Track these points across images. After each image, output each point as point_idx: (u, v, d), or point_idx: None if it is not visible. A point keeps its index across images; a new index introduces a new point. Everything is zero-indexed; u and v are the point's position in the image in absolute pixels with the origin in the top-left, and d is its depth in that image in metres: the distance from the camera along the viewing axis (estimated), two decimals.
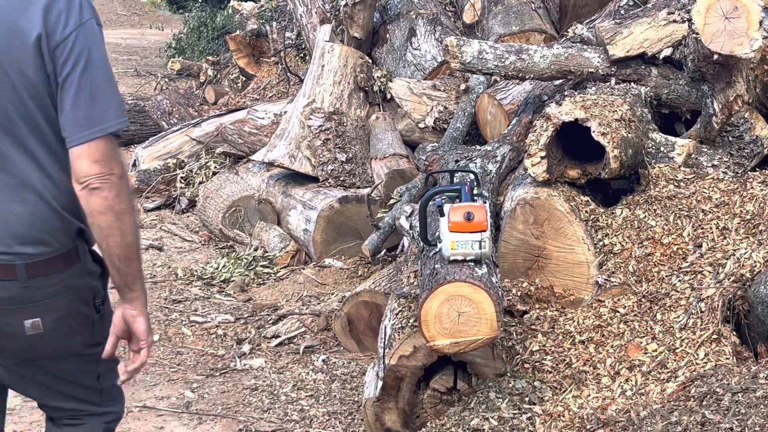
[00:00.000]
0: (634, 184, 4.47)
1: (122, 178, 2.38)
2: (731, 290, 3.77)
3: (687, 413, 3.16)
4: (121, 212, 2.34)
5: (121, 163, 2.42)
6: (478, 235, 3.53)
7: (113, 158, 2.40)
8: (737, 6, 4.23)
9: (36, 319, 2.45)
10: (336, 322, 4.94)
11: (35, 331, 2.46)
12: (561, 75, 5.11)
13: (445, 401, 3.78)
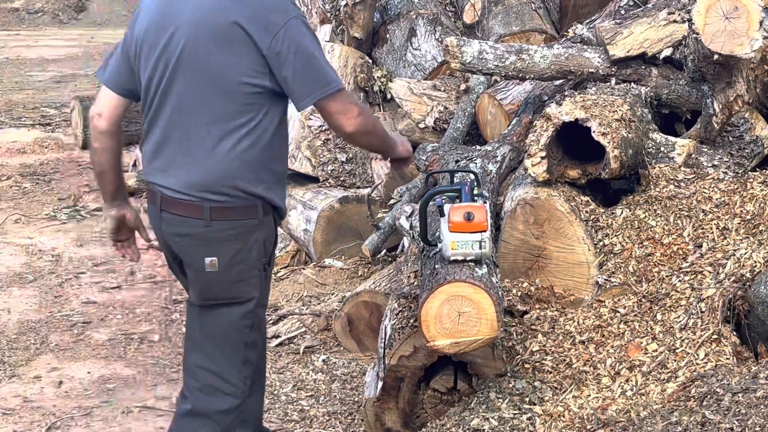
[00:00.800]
0: (635, 185, 4.47)
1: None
2: (731, 290, 3.77)
3: (687, 413, 3.16)
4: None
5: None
6: (478, 235, 3.51)
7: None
8: (737, 6, 4.23)
9: (213, 258, 2.90)
10: (336, 322, 4.94)
11: (212, 269, 2.90)
12: (561, 75, 5.11)
13: (445, 401, 3.78)
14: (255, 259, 2.98)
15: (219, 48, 2.84)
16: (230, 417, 3.06)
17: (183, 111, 2.93)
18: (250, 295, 3.00)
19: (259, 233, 2.96)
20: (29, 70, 13.83)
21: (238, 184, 2.90)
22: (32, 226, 7.00)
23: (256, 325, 3.04)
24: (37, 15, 20.71)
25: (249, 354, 3.06)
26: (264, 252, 3.00)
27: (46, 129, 10.16)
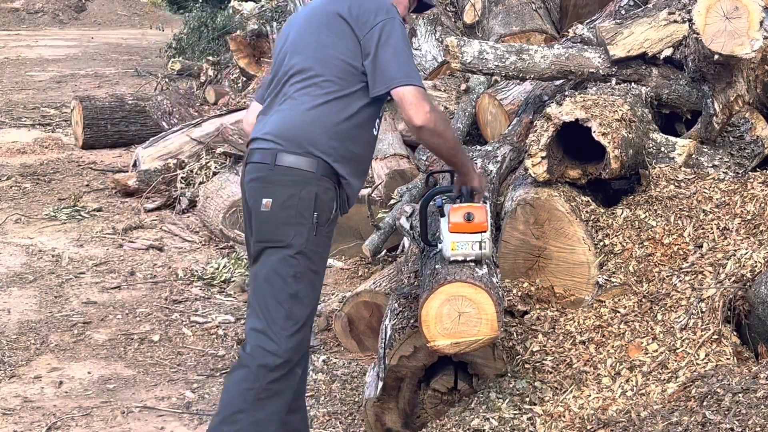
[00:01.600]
0: (635, 185, 4.47)
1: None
2: (732, 290, 3.77)
3: (687, 414, 3.16)
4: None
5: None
6: (478, 235, 3.51)
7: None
8: (738, 6, 4.23)
9: (269, 199, 3.18)
10: (336, 322, 4.94)
11: (266, 210, 3.17)
12: (561, 75, 5.11)
13: (445, 401, 3.78)
14: (304, 209, 3.17)
15: (321, 30, 3.28)
16: (272, 375, 3.15)
17: (288, 79, 3.31)
18: (293, 240, 3.17)
19: (313, 187, 3.18)
20: (29, 70, 13.84)
21: (306, 138, 3.19)
22: (32, 226, 7.00)
23: (300, 276, 3.18)
24: (37, 15, 20.73)
25: (294, 309, 3.17)
26: (315, 206, 3.17)
27: (46, 129, 10.17)
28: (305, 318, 3.21)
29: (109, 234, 6.83)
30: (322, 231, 3.20)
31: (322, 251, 3.24)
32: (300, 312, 3.19)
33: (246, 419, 3.15)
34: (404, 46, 3.19)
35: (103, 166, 8.74)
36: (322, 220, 3.19)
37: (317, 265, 3.23)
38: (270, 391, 3.16)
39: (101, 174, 8.46)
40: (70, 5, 21.32)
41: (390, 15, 3.21)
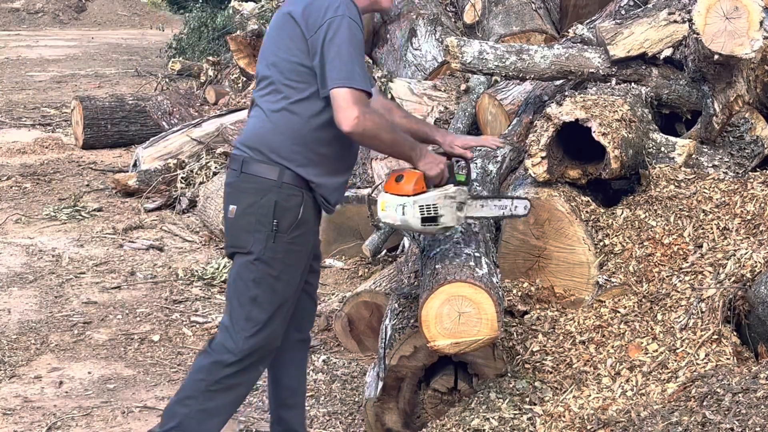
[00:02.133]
0: (635, 185, 4.47)
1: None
2: (732, 290, 3.77)
3: (688, 413, 3.16)
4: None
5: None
6: (402, 198, 3.41)
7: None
8: (738, 6, 4.23)
9: (234, 206, 3.25)
10: (336, 322, 4.94)
11: (231, 216, 3.26)
12: (561, 75, 5.11)
13: (445, 401, 3.78)
14: (262, 216, 3.21)
15: (278, 35, 3.28)
16: (225, 371, 3.27)
17: (257, 87, 3.37)
18: (252, 248, 3.24)
19: (273, 195, 3.21)
20: (29, 70, 13.84)
21: (268, 145, 3.23)
22: (32, 226, 7.01)
23: (258, 281, 3.24)
24: (38, 15, 20.73)
25: (253, 312, 3.25)
26: (274, 214, 3.20)
27: (46, 129, 10.17)
28: (265, 320, 3.27)
29: (109, 234, 6.84)
30: (283, 238, 3.23)
31: (284, 257, 3.25)
32: (259, 315, 3.26)
33: (195, 406, 3.30)
34: (348, 45, 3.14)
35: (103, 166, 8.74)
36: (284, 227, 3.22)
37: (278, 271, 3.25)
38: (221, 384, 3.29)
39: (101, 174, 8.47)
40: (70, 5, 21.32)
41: (339, 13, 3.15)
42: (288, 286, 3.29)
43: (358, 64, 3.14)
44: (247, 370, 3.31)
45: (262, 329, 3.28)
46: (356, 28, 3.17)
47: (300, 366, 3.57)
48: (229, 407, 3.37)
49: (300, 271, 3.32)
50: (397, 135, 3.26)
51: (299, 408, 3.60)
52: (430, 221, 3.40)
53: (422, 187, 3.37)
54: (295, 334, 3.53)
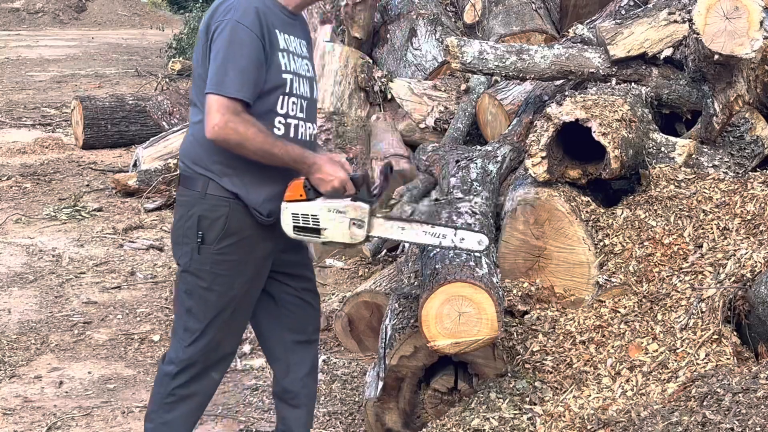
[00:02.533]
0: (635, 185, 4.47)
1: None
2: (732, 290, 3.77)
3: (688, 413, 3.16)
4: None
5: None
6: (282, 204, 3.27)
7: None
8: (738, 6, 4.23)
9: (174, 219, 3.28)
10: (337, 322, 4.94)
11: (172, 227, 3.31)
12: (562, 75, 5.11)
13: (445, 401, 3.78)
14: (187, 229, 3.21)
15: (197, 47, 3.21)
16: (174, 382, 3.29)
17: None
18: (180, 260, 3.27)
19: (197, 208, 3.19)
20: (29, 70, 13.84)
21: (191, 158, 3.21)
22: (32, 226, 7.01)
23: (189, 292, 3.25)
24: (38, 15, 20.73)
25: (189, 322, 3.26)
26: (198, 226, 3.18)
27: (46, 129, 10.17)
28: (201, 330, 3.26)
29: (109, 234, 6.84)
30: (210, 249, 3.19)
31: (213, 268, 3.21)
32: (194, 325, 3.26)
33: (157, 419, 3.34)
34: (225, 50, 3.05)
35: (103, 166, 8.74)
36: (210, 238, 3.18)
37: (208, 282, 3.22)
38: (174, 396, 3.31)
39: (101, 174, 8.47)
40: (70, 5, 21.33)
41: (231, 16, 3.06)
42: (223, 296, 3.25)
43: (234, 69, 3.04)
44: (195, 379, 3.31)
45: (199, 339, 3.26)
46: (243, 32, 3.05)
47: (300, 368, 3.53)
48: (189, 417, 3.37)
49: (238, 281, 3.25)
50: (275, 147, 3.09)
51: (302, 409, 3.56)
52: (309, 231, 3.24)
53: (299, 195, 3.20)
54: (289, 336, 3.47)
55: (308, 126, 3.30)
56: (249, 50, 3.05)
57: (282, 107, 3.18)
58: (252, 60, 3.06)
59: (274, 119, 3.18)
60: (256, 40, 3.07)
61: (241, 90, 3.04)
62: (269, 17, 3.13)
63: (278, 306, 3.43)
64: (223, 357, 3.36)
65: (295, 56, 3.24)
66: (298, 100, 3.23)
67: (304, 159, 3.15)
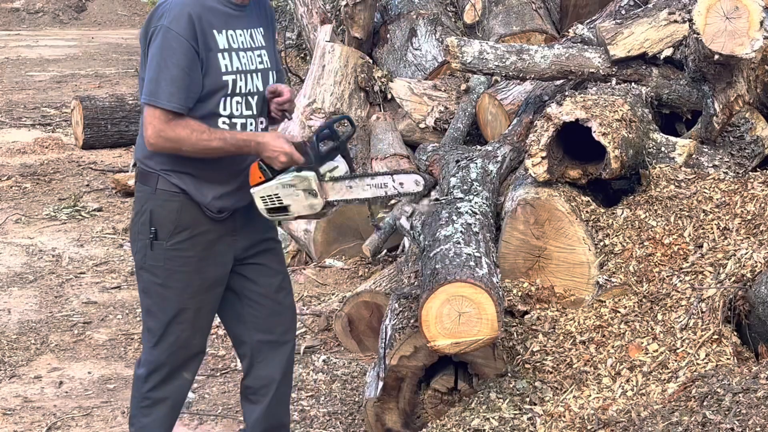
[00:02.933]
0: (635, 185, 4.47)
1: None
2: (732, 290, 3.76)
3: (688, 413, 3.16)
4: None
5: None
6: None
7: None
8: (738, 6, 4.23)
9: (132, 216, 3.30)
10: (336, 322, 4.94)
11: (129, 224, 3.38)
12: (562, 75, 5.11)
13: (445, 401, 3.78)
14: (141, 224, 3.20)
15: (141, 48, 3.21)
16: (146, 385, 3.29)
17: None
18: (135, 256, 3.27)
19: (150, 203, 3.19)
20: (29, 70, 13.83)
21: (141, 154, 3.22)
22: (32, 226, 7.01)
23: (146, 290, 3.24)
24: (38, 15, 20.72)
25: (150, 322, 3.26)
26: (151, 221, 3.17)
27: (46, 129, 10.16)
28: (163, 329, 3.23)
29: (109, 234, 6.84)
30: (162, 245, 3.17)
31: (167, 264, 3.19)
32: (155, 324, 3.24)
33: (137, 423, 3.35)
34: (158, 57, 3.03)
35: (103, 166, 8.74)
36: (162, 234, 3.16)
37: (162, 279, 3.19)
38: (149, 399, 3.30)
39: (101, 174, 8.46)
40: (70, 5, 21.31)
41: (162, 21, 3.04)
42: (181, 293, 3.21)
43: (165, 78, 3.02)
44: (167, 380, 3.28)
45: (162, 338, 3.23)
46: (173, 39, 3.02)
47: (264, 367, 3.41)
48: (165, 420, 3.34)
49: (196, 278, 3.21)
50: (212, 141, 3.07)
51: (258, 405, 3.45)
52: (279, 211, 3.23)
53: (259, 177, 3.19)
54: (257, 336, 3.38)
55: (259, 121, 3.25)
56: (179, 57, 3.02)
57: (225, 108, 3.14)
58: (182, 67, 3.03)
59: (218, 121, 3.14)
60: (186, 46, 3.03)
61: (172, 99, 3.02)
62: (205, 18, 3.07)
63: (242, 304, 3.36)
64: (192, 356, 3.32)
65: (241, 51, 3.16)
66: (243, 98, 3.17)
67: (248, 142, 3.14)
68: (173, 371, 3.28)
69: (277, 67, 3.34)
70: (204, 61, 3.06)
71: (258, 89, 3.20)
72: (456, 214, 4.19)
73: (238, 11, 3.17)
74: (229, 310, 3.39)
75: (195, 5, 3.06)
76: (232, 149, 3.12)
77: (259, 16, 3.27)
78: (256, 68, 3.20)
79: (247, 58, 3.17)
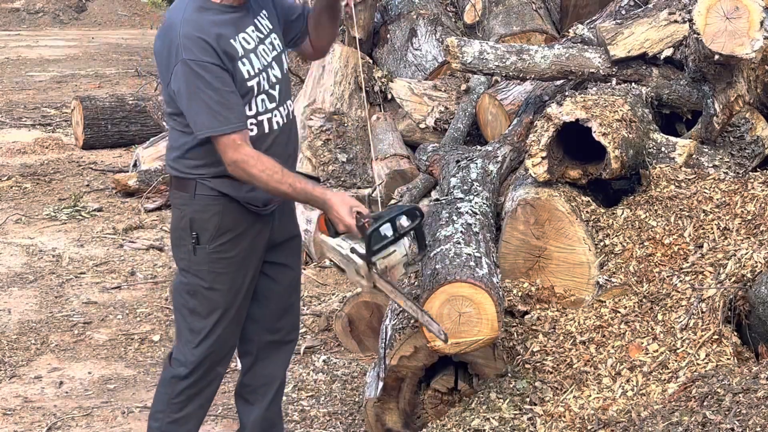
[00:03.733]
0: (635, 185, 4.47)
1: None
2: (732, 291, 3.76)
3: (688, 414, 3.16)
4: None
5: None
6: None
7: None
8: (738, 6, 4.23)
9: (171, 222, 3.30)
10: (337, 322, 4.94)
11: (170, 229, 3.33)
12: (562, 75, 5.11)
13: (446, 401, 3.78)
14: (182, 230, 3.22)
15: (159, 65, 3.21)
16: (183, 383, 3.31)
17: None
18: (180, 262, 3.28)
19: (189, 208, 3.20)
20: (29, 70, 13.83)
21: (173, 160, 3.24)
22: (32, 227, 7.00)
23: (192, 292, 3.25)
24: (38, 15, 20.71)
25: (194, 322, 3.27)
26: (191, 227, 3.19)
27: (46, 129, 10.16)
28: (208, 330, 3.26)
29: (109, 234, 6.83)
30: (205, 249, 3.20)
31: (211, 267, 3.21)
32: (199, 324, 3.27)
33: (164, 419, 3.36)
34: (200, 90, 3.02)
35: (103, 166, 8.73)
36: (204, 239, 3.19)
37: (209, 282, 3.22)
38: (183, 395, 3.33)
39: (101, 174, 8.46)
40: (70, 5, 21.30)
41: (186, 56, 3.02)
42: (226, 293, 3.25)
43: (216, 104, 3.03)
44: (204, 377, 3.33)
45: (207, 338, 3.27)
46: (201, 68, 3.02)
47: (265, 365, 3.49)
48: (198, 412, 3.39)
49: (239, 277, 3.26)
50: (282, 186, 3.09)
51: (257, 405, 3.51)
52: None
53: (325, 229, 3.24)
54: (265, 336, 3.45)
55: (281, 110, 3.24)
56: (216, 82, 3.02)
57: (251, 109, 3.15)
58: (222, 90, 3.03)
59: (245, 124, 3.13)
60: (216, 69, 3.03)
61: (229, 121, 3.03)
62: (219, 32, 3.06)
63: (257, 302, 3.40)
64: (229, 350, 3.38)
65: (256, 50, 3.15)
66: (266, 94, 3.18)
67: (315, 198, 3.14)
68: (211, 367, 3.33)
69: (286, 12, 3.34)
70: (231, 72, 3.07)
71: (277, 78, 3.22)
72: (456, 214, 4.19)
73: (240, 12, 3.16)
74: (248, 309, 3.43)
75: (204, 25, 3.05)
76: (300, 198, 3.18)
77: (255, 7, 3.24)
78: (271, 59, 3.20)
79: (262, 53, 3.17)
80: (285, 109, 3.26)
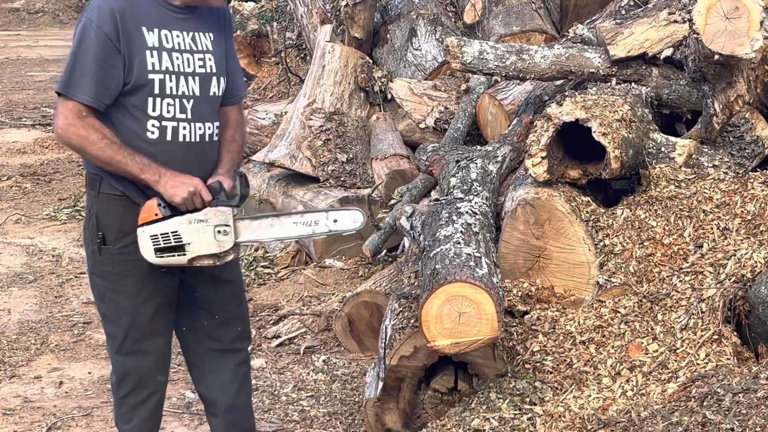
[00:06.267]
0: (635, 185, 4.46)
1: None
2: (732, 291, 3.76)
3: (688, 414, 3.16)
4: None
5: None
6: (137, 229, 3.13)
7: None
8: (738, 6, 4.23)
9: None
10: (337, 322, 4.94)
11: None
12: (562, 75, 5.11)
13: (445, 401, 3.78)
14: (89, 230, 3.16)
15: None
16: (121, 392, 3.27)
17: None
18: (88, 262, 3.21)
19: (95, 207, 3.13)
20: (29, 70, 13.83)
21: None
22: (32, 227, 7.00)
23: (101, 296, 3.19)
24: (38, 15, 20.71)
25: (109, 328, 3.22)
26: (98, 226, 3.11)
27: (46, 129, 10.17)
28: (123, 335, 3.18)
29: None
30: (110, 250, 3.12)
31: (117, 269, 3.13)
32: (113, 330, 3.20)
33: (120, 429, 3.35)
34: (77, 48, 3.00)
35: None
36: (109, 238, 3.11)
37: (113, 284, 3.14)
38: (126, 405, 3.27)
39: None
40: (71, 5, 21.31)
41: (87, 14, 3.02)
42: (134, 297, 3.15)
43: (81, 69, 2.99)
44: (140, 386, 3.25)
45: (123, 343, 3.19)
46: (92, 31, 2.98)
47: (217, 377, 3.37)
48: (148, 423, 3.32)
49: (148, 282, 3.15)
50: (118, 154, 2.99)
51: (220, 418, 3.42)
52: (172, 251, 3.07)
53: (155, 215, 3.05)
54: (206, 343, 3.35)
55: (196, 126, 3.14)
56: (96, 49, 2.98)
57: (154, 109, 3.07)
58: (98, 60, 2.98)
59: (147, 122, 3.07)
60: (104, 39, 2.98)
61: (86, 92, 2.98)
62: (132, 14, 3.02)
63: (197, 316, 3.33)
64: (159, 359, 3.27)
65: (175, 52, 3.09)
66: (175, 100, 3.09)
67: (152, 168, 3.02)
68: (144, 375, 3.24)
69: (227, 72, 3.26)
70: (126, 57, 3.01)
71: (194, 93, 3.12)
72: (456, 214, 4.19)
73: (180, 13, 3.12)
74: (178, 317, 3.33)
75: (122, 4, 3.01)
76: (134, 170, 3.02)
77: (209, 22, 3.20)
78: (193, 71, 3.12)
79: (183, 60, 3.10)
80: (201, 129, 3.16)
